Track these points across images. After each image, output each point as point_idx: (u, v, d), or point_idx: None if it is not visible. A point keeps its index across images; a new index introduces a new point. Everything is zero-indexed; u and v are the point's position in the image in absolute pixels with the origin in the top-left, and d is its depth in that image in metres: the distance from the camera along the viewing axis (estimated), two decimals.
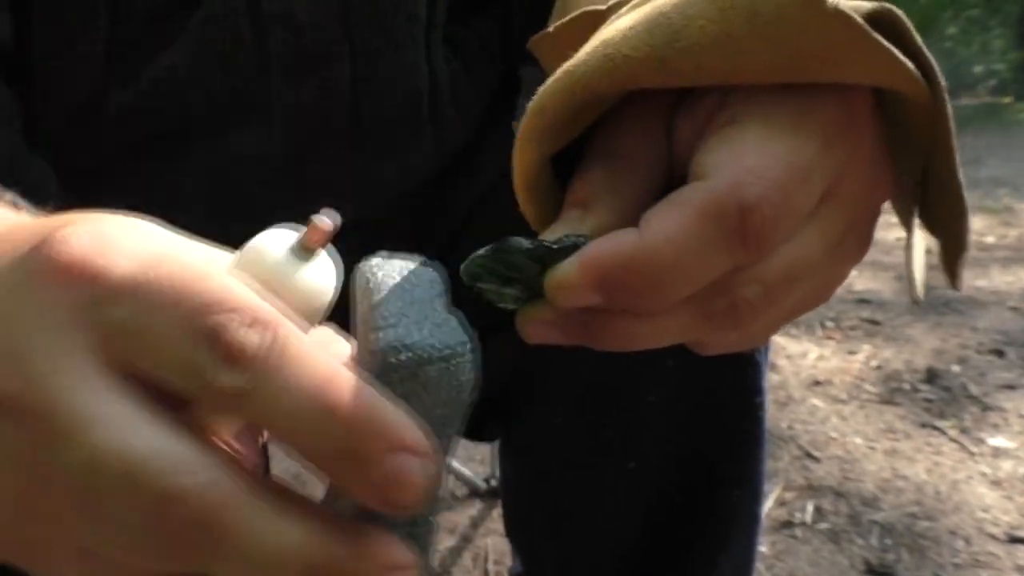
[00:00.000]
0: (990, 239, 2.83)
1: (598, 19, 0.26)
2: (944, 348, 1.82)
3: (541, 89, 0.23)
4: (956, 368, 1.71)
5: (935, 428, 1.46)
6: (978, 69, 8.43)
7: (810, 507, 1.21)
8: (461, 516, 1.19)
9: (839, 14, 0.20)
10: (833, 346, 1.84)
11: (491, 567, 1.07)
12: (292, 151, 0.49)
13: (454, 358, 0.19)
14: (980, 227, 3.00)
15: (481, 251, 0.22)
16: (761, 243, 0.21)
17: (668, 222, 0.20)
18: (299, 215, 0.58)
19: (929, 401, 1.57)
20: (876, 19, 0.21)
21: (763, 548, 1.11)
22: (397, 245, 0.63)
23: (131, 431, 0.18)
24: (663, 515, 0.49)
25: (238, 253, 0.21)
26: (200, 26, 0.44)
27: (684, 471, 0.48)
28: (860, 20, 0.20)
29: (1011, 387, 1.62)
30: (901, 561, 1.09)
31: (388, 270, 0.21)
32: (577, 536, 0.52)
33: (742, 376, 0.45)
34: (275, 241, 0.21)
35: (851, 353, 1.80)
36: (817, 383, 1.64)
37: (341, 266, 0.22)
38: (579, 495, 0.51)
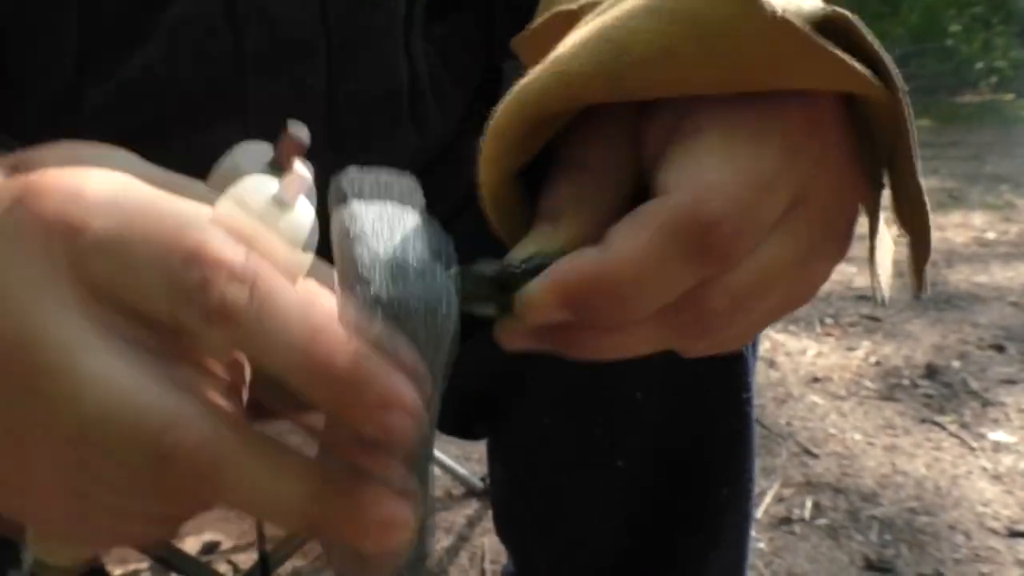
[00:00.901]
0: (991, 235, 2.82)
1: (572, 18, 0.26)
2: (944, 344, 1.82)
3: (498, 109, 0.23)
4: (956, 363, 1.71)
5: (935, 423, 1.45)
6: (980, 66, 8.41)
7: (809, 503, 1.21)
8: (457, 515, 1.18)
9: (782, 23, 0.20)
10: (832, 343, 1.84)
11: (488, 566, 1.06)
12: None
13: (433, 312, 0.19)
14: (981, 223, 2.99)
15: (449, 274, 0.22)
16: (724, 257, 0.21)
17: (629, 240, 0.21)
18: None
19: (929, 397, 1.56)
20: (825, 24, 0.21)
21: (761, 545, 1.11)
22: None
23: (130, 383, 0.18)
24: (652, 513, 0.48)
25: (220, 200, 0.21)
26: (175, 22, 0.44)
27: (672, 469, 0.47)
28: (804, 27, 0.20)
29: (1011, 382, 1.61)
30: (901, 557, 1.08)
31: (365, 210, 0.21)
32: (568, 535, 0.52)
33: (729, 373, 0.45)
34: (258, 190, 0.21)
35: (850, 349, 1.79)
36: (816, 380, 1.64)
37: (313, 188, 0.22)
38: (568, 494, 0.51)
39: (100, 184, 0.19)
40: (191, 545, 1.12)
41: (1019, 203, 3.32)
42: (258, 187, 0.21)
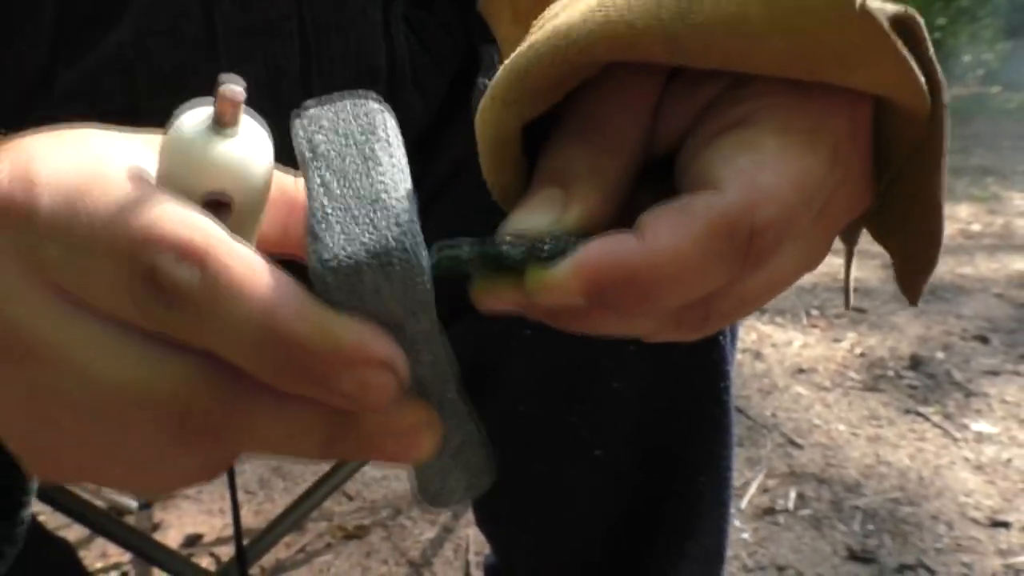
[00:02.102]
0: (976, 227, 2.84)
1: None
2: (929, 335, 1.83)
3: (524, 49, 0.21)
4: (940, 355, 1.72)
5: (918, 414, 1.46)
6: (967, 58, 8.45)
7: (792, 494, 1.21)
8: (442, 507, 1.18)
9: (866, 15, 0.19)
10: (818, 334, 1.84)
11: (472, 558, 1.06)
12: None
13: (392, 257, 0.18)
14: (966, 215, 3.01)
15: (465, 247, 0.20)
16: (758, 263, 0.20)
17: (676, 235, 0.19)
18: None
19: (913, 388, 1.57)
20: (897, 23, 0.20)
21: (745, 535, 1.11)
22: None
23: (122, 358, 0.18)
24: (630, 502, 0.48)
25: (161, 142, 0.20)
26: (146, 3, 0.43)
27: (650, 457, 0.47)
28: (886, 25, 0.19)
29: (995, 373, 1.62)
30: (883, 546, 1.09)
31: (317, 132, 0.20)
32: (546, 524, 0.52)
33: (707, 361, 0.45)
34: (191, 125, 0.20)
35: (836, 341, 1.80)
36: (801, 371, 1.64)
37: (267, 131, 0.21)
38: (545, 484, 0.50)
39: (46, 155, 0.19)
40: (173, 537, 1.11)
41: (1005, 195, 3.34)
42: (193, 120, 0.20)
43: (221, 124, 0.19)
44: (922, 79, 0.20)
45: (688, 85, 0.22)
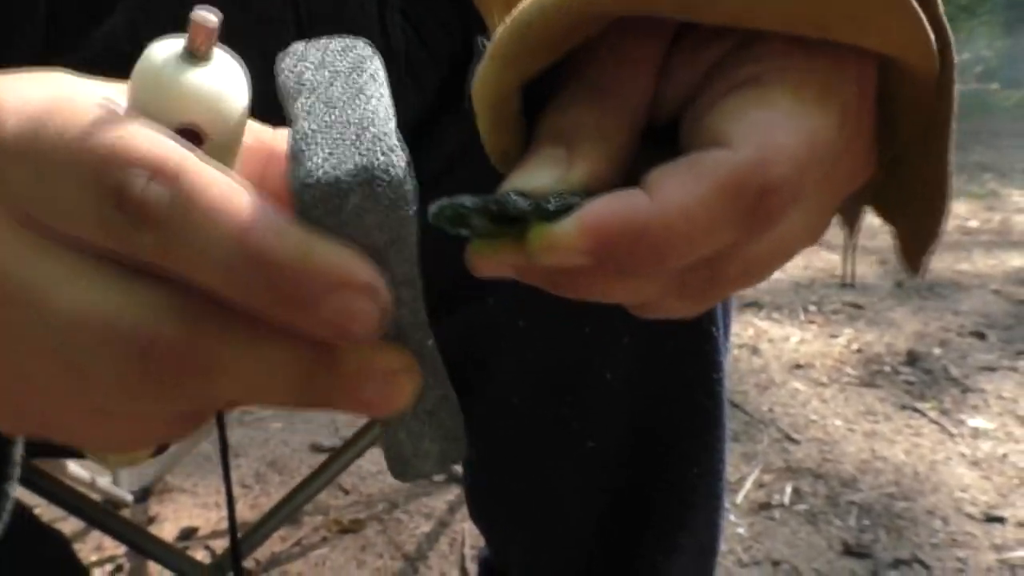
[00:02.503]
0: (974, 223, 2.84)
1: None
2: (926, 331, 1.83)
3: (526, 5, 0.20)
4: (937, 351, 1.72)
5: (915, 410, 1.46)
6: (966, 56, 8.44)
7: (788, 489, 1.21)
8: (438, 501, 1.18)
9: None
10: (815, 330, 1.84)
11: (467, 551, 1.06)
12: None
13: (378, 178, 0.17)
14: (964, 211, 3.01)
15: (466, 201, 0.19)
16: (768, 222, 0.19)
17: (686, 192, 0.18)
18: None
19: (910, 383, 1.57)
20: None
21: (740, 530, 1.11)
22: None
23: (87, 289, 0.17)
24: (622, 493, 0.48)
25: (131, 75, 0.19)
26: None
27: (640, 449, 0.47)
28: None
29: (991, 369, 1.62)
30: (879, 541, 1.09)
31: (303, 65, 0.19)
32: (539, 516, 0.52)
33: (699, 352, 0.44)
34: (162, 53, 0.19)
35: (833, 337, 1.80)
36: (798, 366, 1.64)
37: (244, 67, 0.20)
38: (539, 476, 0.50)
39: (11, 85, 0.19)
40: (169, 530, 1.11)
41: (1002, 192, 3.34)
42: (164, 49, 0.19)
43: (194, 52, 0.19)
44: (932, 38, 0.20)
45: (694, 46, 0.21)
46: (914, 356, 1.67)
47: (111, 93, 0.20)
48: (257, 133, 0.23)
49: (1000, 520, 1.13)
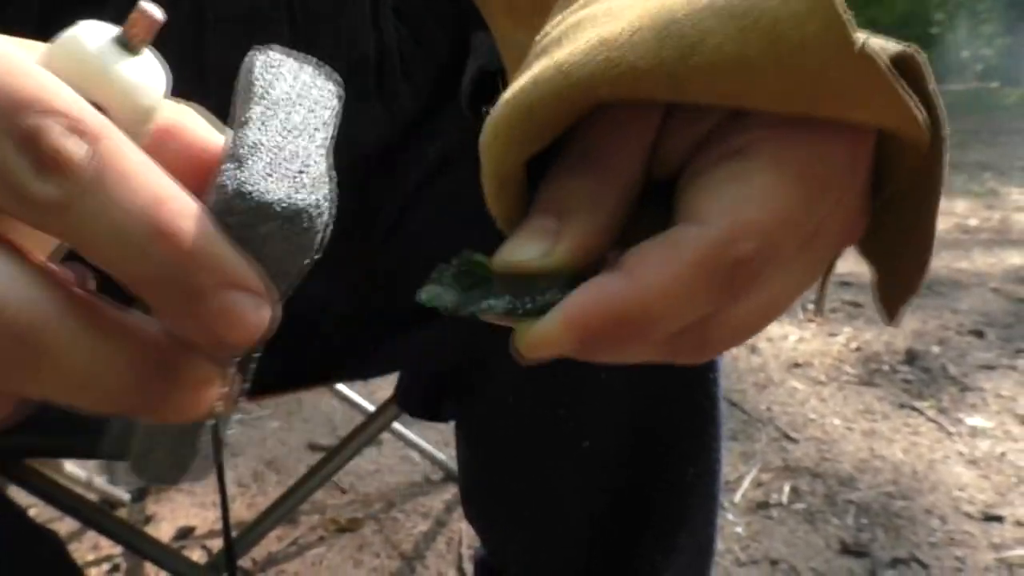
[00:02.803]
0: (973, 222, 2.84)
1: None
2: (925, 330, 1.83)
3: (526, 84, 0.21)
4: (936, 349, 1.72)
5: (913, 409, 1.46)
6: (965, 54, 8.44)
7: (787, 488, 1.21)
8: (435, 500, 1.18)
9: (866, 57, 0.19)
10: (814, 328, 1.84)
11: (464, 551, 1.06)
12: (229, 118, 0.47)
13: (300, 220, 0.17)
14: (963, 210, 3.01)
15: (449, 304, 0.20)
16: (739, 294, 0.20)
17: (662, 271, 0.19)
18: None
19: (908, 382, 1.57)
20: (898, 61, 0.20)
21: (738, 529, 1.11)
22: (343, 219, 0.61)
23: None
24: (619, 493, 0.48)
25: (51, 45, 0.19)
26: None
27: (638, 449, 0.47)
28: (886, 66, 0.19)
29: (990, 367, 1.62)
30: (876, 540, 1.09)
31: (280, 75, 0.19)
32: (534, 517, 0.51)
33: None
34: (94, 33, 0.19)
35: (832, 335, 1.80)
36: (797, 365, 1.64)
37: (168, 70, 0.20)
38: (535, 476, 0.50)
39: None
40: (166, 530, 1.11)
41: (1002, 190, 3.34)
42: (96, 29, 0.19)
43: (128, 42, 0.18)
44: (922, 115, 0.20)
45: (688, 115, 0.22)
46: (913, 355, 1.67)
47: (27, 51, 0.19)
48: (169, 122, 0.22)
49: (998, 519, 1.13)
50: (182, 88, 0.52)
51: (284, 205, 0.17)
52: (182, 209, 0.16)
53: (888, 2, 9.15)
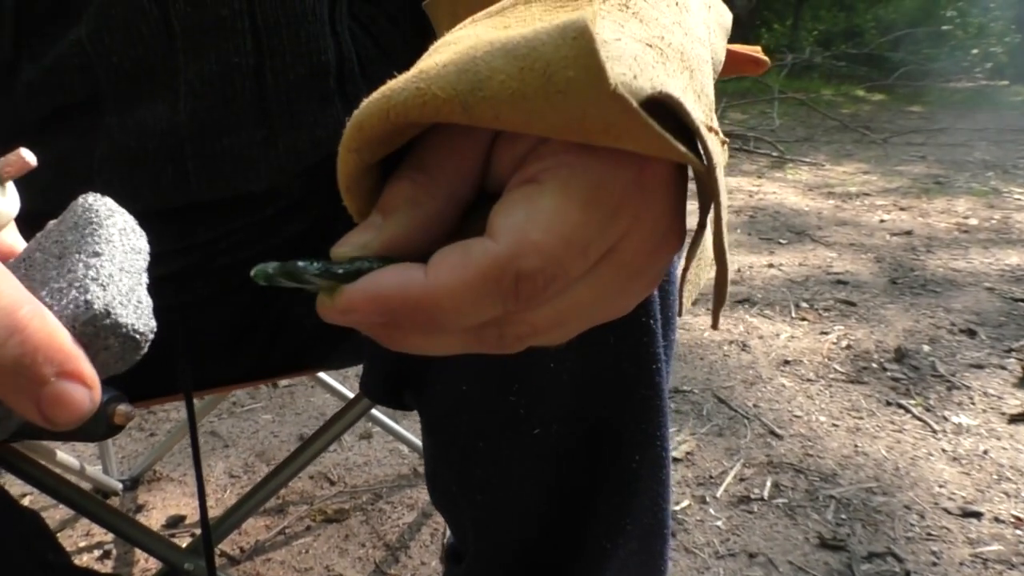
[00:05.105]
0: (973, 221, 2.83)
1: None
2: (916, 328, 1.83)
3: (363, 104, 0.24)
4: (926, 348, 1.72)
5: (900, 406, 1.47)
6: (975, 52, 8.38)
7: (768, 483, 1.22)
8: (422, 493, 1.20)
9: (617, 97, 0.22)
10: (806, 326, 1.85)
11: (448, 542, 1.08)
12: (200, 124, 0.49)
13: (137, 341, 0.22)
14: (964, 209, 3.01)
15: (270, 266, 0.23)
16: (530, 302, 0.23)
17: (453, 274, 0.23)
18: (210, 187, 0.58)
19: (896, 380, 1.58)
20: (656, 101, 0.23)
21: (718, 523, 1.13)
22: (315, 218, 0.63)
23: None
24: (567, 480, 0.50)
25: None
26: (104, 0, 0.45)
27: (586, 436, 0.48)
28: (634, 104, 0.22)
29: (979, 366, 1.63)
30: (854, 535, 1.10)
31: (116, 222, 0.23)
32: (489, 501, 0.53)
33: (637, 344, 0.46)
34: None
35: (823, 333, 1.81)
36: (786, 362, 1.65)
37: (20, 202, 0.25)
38: (488, 463, 0.52)
39: None
40: (156, 518, 1.14)
41: (1004, 190, 3.33)
42: None
43: (1, 176, 0.23)
44: (682, 147, 0.23)
45: (508, 138, 0.26)
46: (902, 353, 1.68)
47: None
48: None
49: (976, 515, 1.14)
50: (155, 98, 0.55)
51: (132, 329, 0.22)
52: (35, 311, 0.20)
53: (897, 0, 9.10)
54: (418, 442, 1.24)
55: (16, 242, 0.27)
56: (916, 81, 6.93)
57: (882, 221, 2.84)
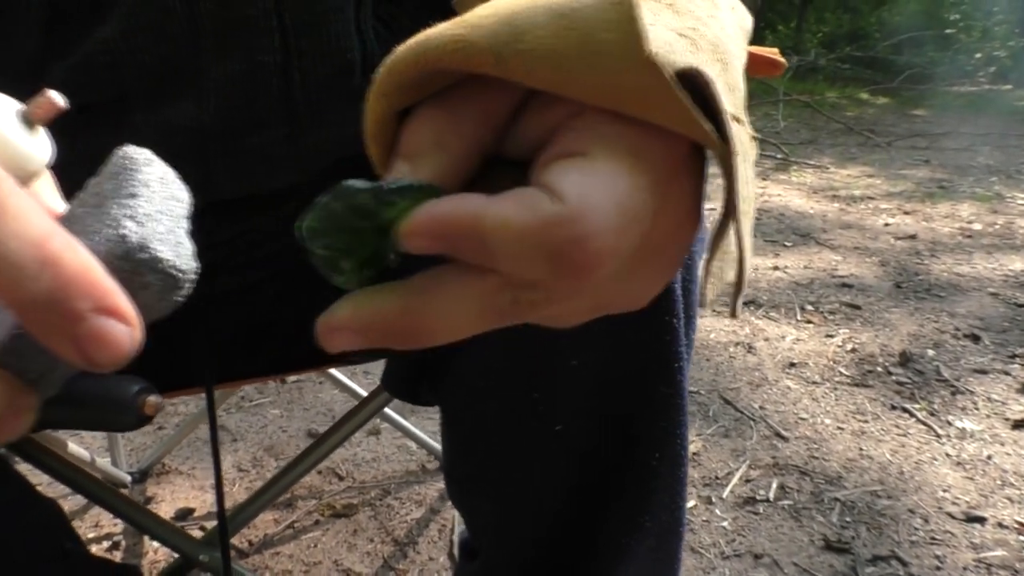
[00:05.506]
0: (977, 226, 2.84)
1: None
2: (921, 332, 1.84)
3: (397, 49, 0.24)
4: (931, 352, 1.73)
5: (904, 410, 1.47)
6: (979, 55, 8.38)
7: (774, 485, 1.23)
8: (430, 489, 1.20)
9: (650, 64, 0.22)
10: (811, 329, 1.86)
11: (456, 537, 1.09)
12: (226, 122, 0.49)
13: (177, 279, 0.21)
14: (967, 214, 3.01)
15: (322, 197, 0.22)
16: (581, 274, 0.22)
17: (519, 214, 0.22)
18: (235, 185, 0.58)
19: (901, 384, 1.58)
20: (690, 74, 0.23)
21: (724, 523, 1.14)
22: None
23: None
24: (587, 476, 0.50)
25: None
26: (132, 0, 0.45)
27: (606, 433, 0.49)
28: (668, 73, 0.22)
29: (983, 371, 1.63)
30: (859, 538, 1.11)
31: (155, 171, 0.23)
32: (509, 497, 0.54)
33: (658, 342, 0.47)
34: (3, 105, 0.22)
35: (828, 336, 1.81)
36: (792, 365, 1.66)
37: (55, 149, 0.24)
38: (508, 458, 0.52)
39: None
40: (165, 511, 1.14)
41: (1007, 195, 3.33)
42: (5, 103, 0.22)
43: (29, 118, 0.22)
44: (708, 126, 0.23)
45: (539, 104, 0.25)
46: (907, 357, 1.69)
47: None
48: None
49: (980, 520, 1.15)
50: (181, 97, 0.55)
51: (170, 264, 0.21)
52: (68, 243, 0.19)
53: (901, 2, 9.10)
54: (426, 438, 1.25)
55: (56, 204, 0.26)
56: (920, 84, 6.93)
57: (886, 225, 2.84)
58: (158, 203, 0.22)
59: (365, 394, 1.16)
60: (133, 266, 0.20)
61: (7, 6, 0.46)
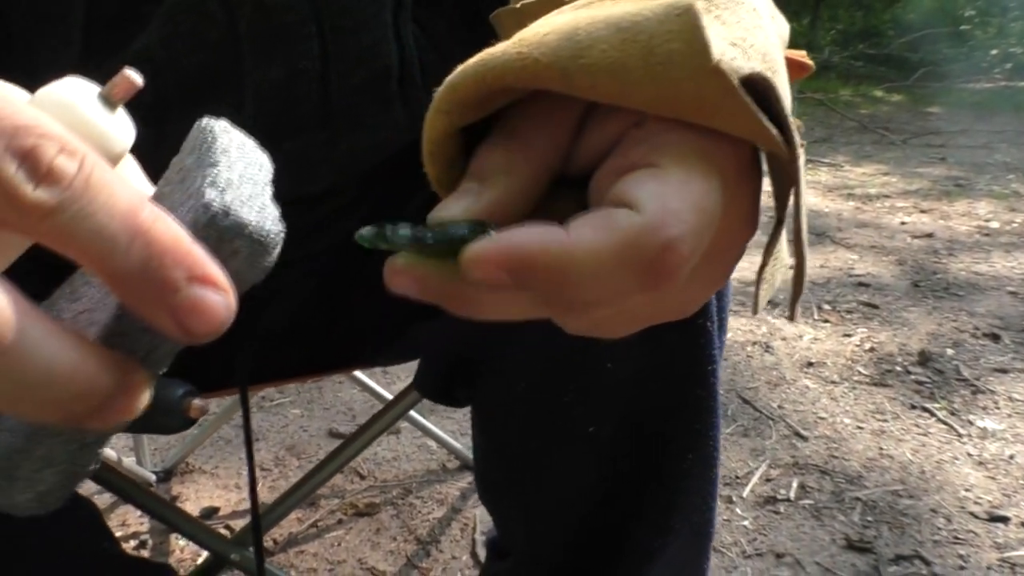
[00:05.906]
0: (995, 224, 2.82)
1: (556, 4, 0.28)
2: (940, 332, 1.83)
3: (460, 67, 0.25)
4: (950, 351, 1.72)
5: (925, 410, 1.47)
6: (994, 52, 8.31)
7: (795, 484, 1.23)
8: (451, 488, 1.21)
9: (717, 72, 0.22)
10: (829, 328, 1.85)
11: (478, 537, 1.09)
12: (265, 128, 0.50)
13: (265, 243, 0.21)
14: (985, 212, 2.99)
15: (366, 230, 0.23)
16: (667, 282, 0.22)
17: (597, 236, 0.22)
18: (275, 189, 0.60)
19: (920, 383, 1.58)
20: (753, 80, 0.23)
21: (745, 523, 1.14)
22: (374, 211, 0.64)
23: None
24: (620, 478, 0.51)
25: (39, 94, 0.22)
26: (172, 8, 0.46)
27: (640, 435, 0.50)
28: (735, 81, 0.22)
29: (1003, 371, 1.62)
30: (881, 537, 1.11)
31: (233, 139, 0.23)
32: (541, 498, 0.54)
33: (693, 345, 0.47)
34: (78, 88, 0.22)
35: (846, 336, 1.81)
36: (810, 364, 1.66)
37: (136, 132, 0.24)
38: (541, 460, 0.53)
39: None
40: (190, 510, 1.15)
41: None
42: (84, 85, 0.22)
43: (108, 99, 0.22)
44: (774, 131, 0.23)
45: (600, 118, 0.26)
46: (926, 356, 1.68)
47: (19, 93, 0.22)
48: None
49: (1003, 520, 1.14)
50: (220, 104, 0.56)
51: (256, 228, 0.21)
52: (157, 214, 0.19)
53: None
54: (447, 437, 1.26)
55: (144, 186, 0.26)
56: (934, 82, 6.88)
57: (903, 223, 2.83)
58: (239, 169, 0.22)
59: (385, 393, 1.18)
60: (219, 233, 0.20)
61: (47, 14, 0.47)
